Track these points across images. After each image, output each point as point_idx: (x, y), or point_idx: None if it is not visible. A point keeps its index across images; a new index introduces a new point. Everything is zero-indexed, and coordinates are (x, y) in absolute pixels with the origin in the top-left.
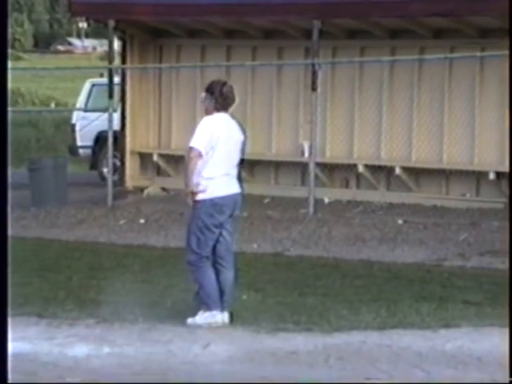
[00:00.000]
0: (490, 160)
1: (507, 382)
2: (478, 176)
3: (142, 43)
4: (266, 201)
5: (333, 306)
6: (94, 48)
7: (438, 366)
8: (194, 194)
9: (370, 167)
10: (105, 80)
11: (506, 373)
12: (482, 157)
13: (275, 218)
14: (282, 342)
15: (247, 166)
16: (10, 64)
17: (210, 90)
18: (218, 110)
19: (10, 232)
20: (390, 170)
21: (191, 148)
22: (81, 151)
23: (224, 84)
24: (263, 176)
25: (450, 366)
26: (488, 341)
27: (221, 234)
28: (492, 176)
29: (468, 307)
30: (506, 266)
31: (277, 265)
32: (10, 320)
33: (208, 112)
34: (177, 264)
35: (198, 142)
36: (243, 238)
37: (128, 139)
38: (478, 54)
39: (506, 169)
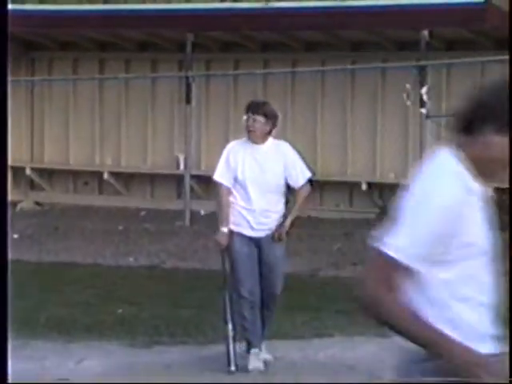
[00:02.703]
0: (362, 171)
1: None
2: (351, 187)
3: (14, 56)
4: (142, 214)
5: (208, 318)
6: None
7: (310, 375)
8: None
9: None
10: None
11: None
12: (354, 168)
13: (151, 230)
14: (157, 355)
15: (122, 180)
16: None
17: (265, 113)
18: (270, 133)
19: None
20: None
21: (310, 179)
22: None
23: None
24: (139, 189)
25: (322, 374)
26: (359, 349)
27: None
28: (364, 187)
29: (340, 317)
30: None
31: (153, 278)
32: None
33: (263, 136)
34: (50, 279)
35: (308, 168)
36: (119, 251)
37: None
38: (349, 66)
39: (377, 179)
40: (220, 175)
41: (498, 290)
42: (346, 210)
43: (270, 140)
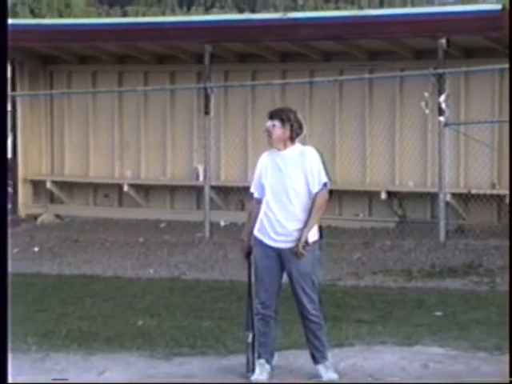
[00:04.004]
0: (381, 180)
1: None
2: (370, 196)
3: (32, 70)
4: (162, 225)
5: (229, 329)
6: None
7: None
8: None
9: None
10: None
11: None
12: (373, 177)
13: (171, 242)
14: (178, 367)
15: (142, 192)
16: None
17: (281, 117)
18: (292, 139)
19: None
20: None
21: (326, 184)
22: None
23: (295, 112)
24: (158, 201)
25: None
26: (380, 358)
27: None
28: (383, 196)
29: (361, 326)
30: (398, 284)
31: (173, 289)
32: None
33: (281, 141)
34: (70, 292)
35: (327, 176)
36: (139, 263)
37: (20, 167)
38: (367, 75)
39: (397, 188)
40: (253, 185)
41: None
42: (366, 219)
43: (296, 146)
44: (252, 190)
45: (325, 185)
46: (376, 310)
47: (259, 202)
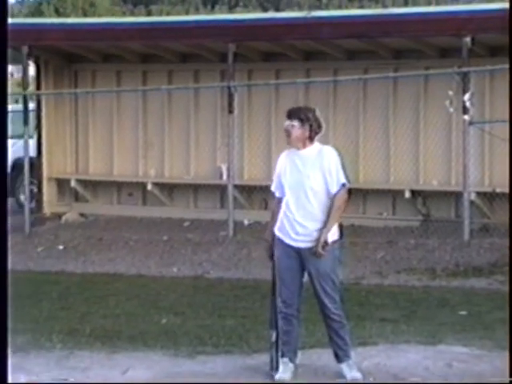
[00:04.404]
0: (405, 179)
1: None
2: (394, 195)
3: (57, 68)
4: (186, 224)
5: (252, 327)
6: (12, 74)
7: None
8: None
9: None
10: (19, 106)
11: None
12: (397, 176)
13: (195, 240)
14: (202, 365)
15: (166, 190)
16: None
17: (300, 117)
18: (311, 138)
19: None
20: None
21: (345, 185)
22: None
23: (314, 110)
24: (182, 199)
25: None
26: (404, 357)
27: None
28: (407, 194)
29: (385, 325)
30: (422, 283)
31: (197, 288)
32: None
33: (300, 141)
34: (95, 290)
35: (345, 176)
36: (163, 261)
37: (45, 165)
38: (391, 74)
39: (421, 187)
40: (274, 185)
41: None
42: (390, 217)
43: (315, 145)
44: (273, 189)
45: (343, 185)
46: (400, 308)
47: (281, 201)
